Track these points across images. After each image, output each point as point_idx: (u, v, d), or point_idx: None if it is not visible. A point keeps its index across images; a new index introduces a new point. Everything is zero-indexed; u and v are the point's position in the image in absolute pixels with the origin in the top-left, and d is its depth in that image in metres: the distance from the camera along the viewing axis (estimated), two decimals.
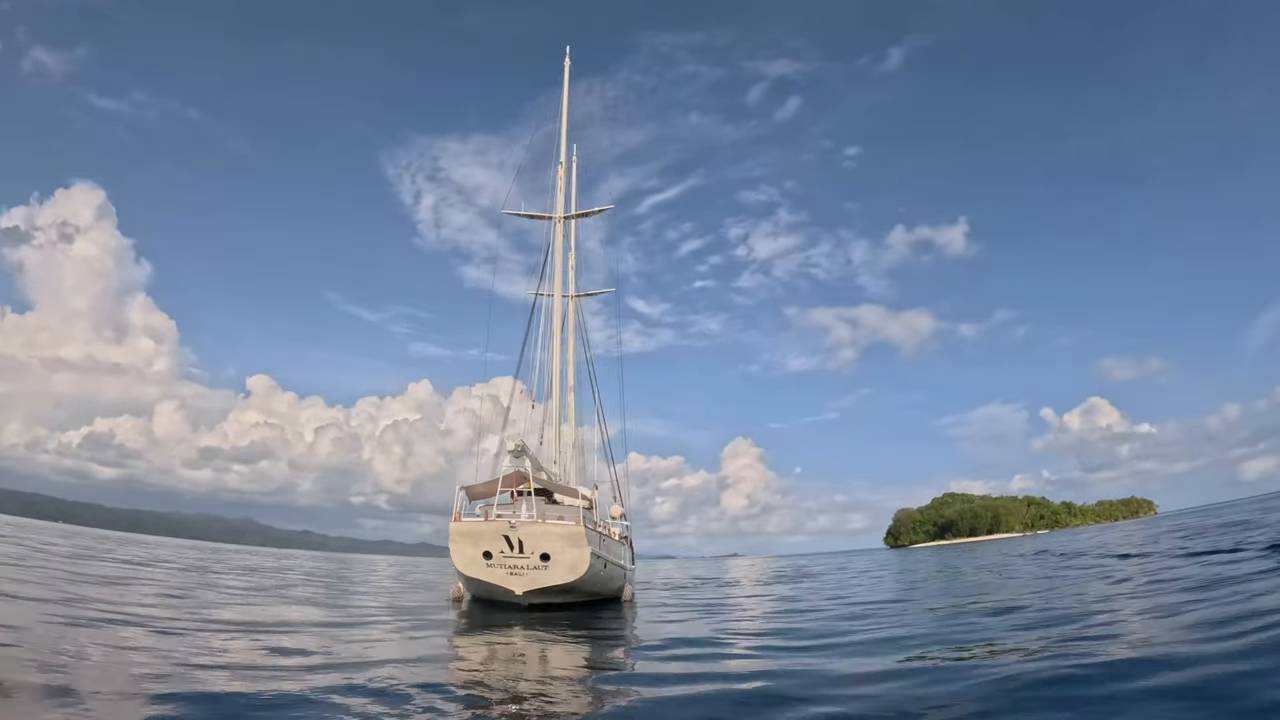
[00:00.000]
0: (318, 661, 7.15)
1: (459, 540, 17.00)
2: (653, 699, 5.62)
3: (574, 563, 16.64)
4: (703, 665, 7.27)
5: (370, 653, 8.04)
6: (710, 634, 10.23)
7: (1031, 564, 21.99)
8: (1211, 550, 14.35)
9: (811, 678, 6.20)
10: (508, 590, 16.43)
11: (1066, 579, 14.75)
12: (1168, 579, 11.13)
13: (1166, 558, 15.41)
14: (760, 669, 7.02)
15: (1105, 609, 8.97)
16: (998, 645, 7.07)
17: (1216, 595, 8.20)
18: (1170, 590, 9.70)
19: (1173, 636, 6.38)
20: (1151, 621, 7.41)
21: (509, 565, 16.51)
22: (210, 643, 7.92)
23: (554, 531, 16.75)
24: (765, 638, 9.77)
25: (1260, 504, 52.38)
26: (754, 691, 5.76)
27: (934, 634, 8.84)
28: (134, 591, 13.63)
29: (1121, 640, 6.55)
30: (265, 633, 9.25)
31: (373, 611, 14.09)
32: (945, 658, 6.72)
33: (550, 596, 16.66)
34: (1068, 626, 7.76)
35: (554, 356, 25.33)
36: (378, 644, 9.03)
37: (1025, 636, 7.49)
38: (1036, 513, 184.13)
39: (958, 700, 4.94)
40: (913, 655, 6.99)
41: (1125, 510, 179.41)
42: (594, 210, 27.10)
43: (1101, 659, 5.64)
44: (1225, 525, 22.26)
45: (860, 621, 10.74)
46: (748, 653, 8.26)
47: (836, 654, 7.55)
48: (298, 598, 16.28)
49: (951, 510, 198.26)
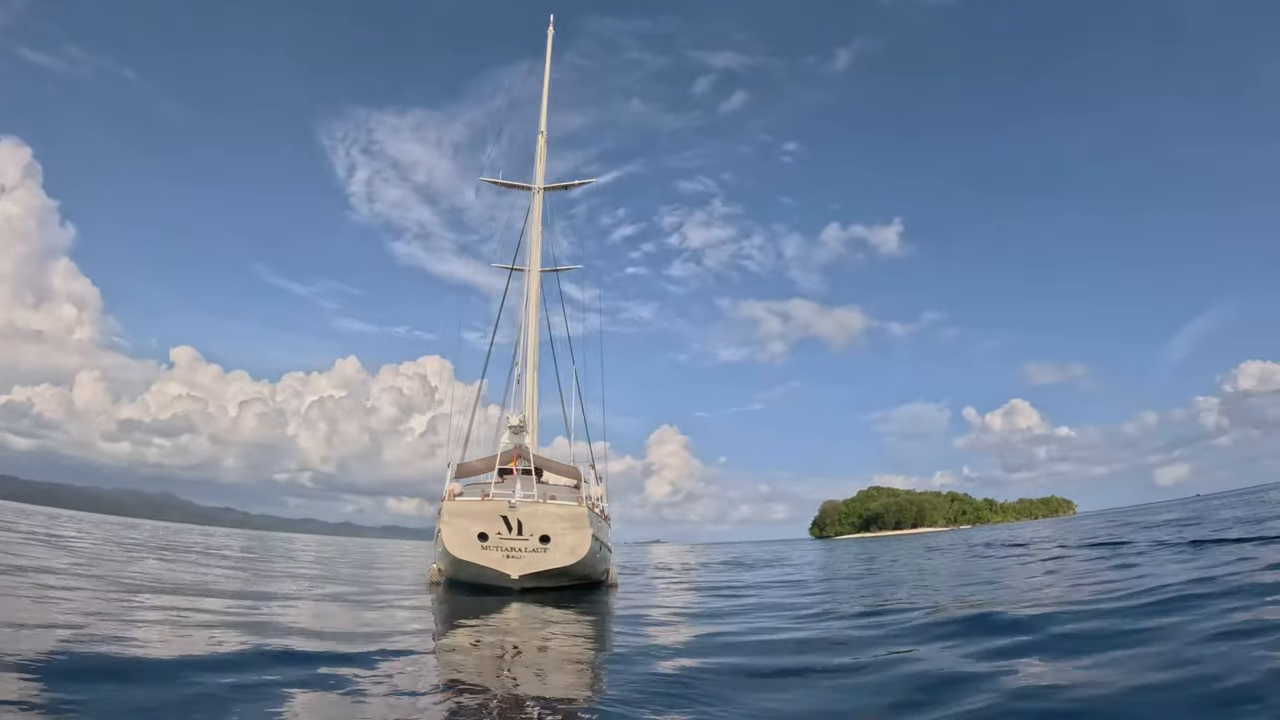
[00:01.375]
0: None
1: (453, 521, 15.89)
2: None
3: (574, 545, 15.83)
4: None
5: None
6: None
7: (985, 552, 22.29)
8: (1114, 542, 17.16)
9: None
10: (502, 574, 15.45)
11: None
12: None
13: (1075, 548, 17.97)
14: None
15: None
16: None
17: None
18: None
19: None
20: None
21: (506, 547, 15.54)
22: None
23: (555, 512, 15.93)
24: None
25: (1177, 507, 55.38)
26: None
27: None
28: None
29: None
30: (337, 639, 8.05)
31: (362, 592, 12.89)
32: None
33: (545, 580, 15.84)
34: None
35: (529, 333, 24.07)
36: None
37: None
38: (959, 508, 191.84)
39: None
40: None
41: (1045, 509, 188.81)
42: (575, 183, 25.73)
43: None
44: (1147, 525, 23.46)
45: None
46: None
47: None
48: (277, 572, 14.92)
49: (877, 503, 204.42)
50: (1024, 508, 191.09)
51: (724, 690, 5.10)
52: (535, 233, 24.74)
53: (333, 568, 22.91)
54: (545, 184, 25.23)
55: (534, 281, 24.42)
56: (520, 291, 31.90)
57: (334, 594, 13.12)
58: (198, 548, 28.84)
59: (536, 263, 24.62)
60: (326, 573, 19.85)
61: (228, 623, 7.88)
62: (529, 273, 24.58)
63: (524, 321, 24.21)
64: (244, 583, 14.14)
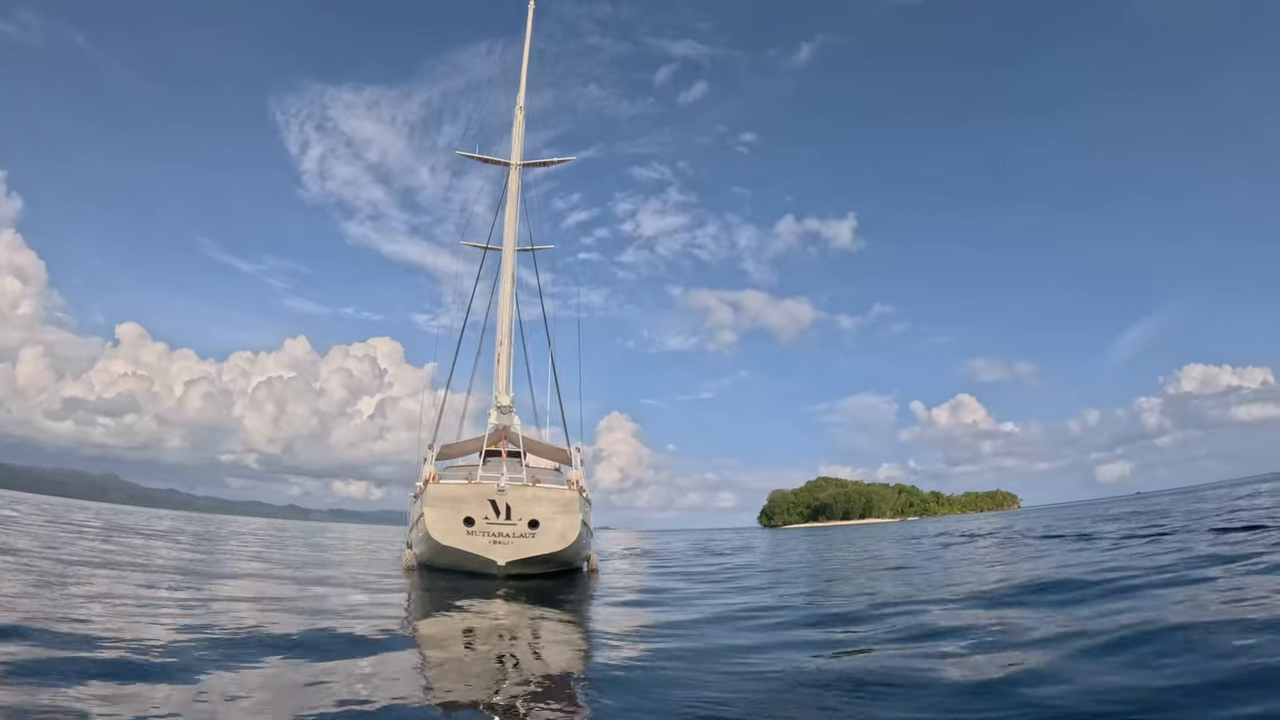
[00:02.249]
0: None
1: (438, 505, 15.06)
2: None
3: (564, 530, 15.24)
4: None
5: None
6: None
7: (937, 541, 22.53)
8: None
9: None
10: (488, 560, 14.76)
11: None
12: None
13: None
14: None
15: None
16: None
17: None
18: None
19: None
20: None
21: (493, 533, 14.84)
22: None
23: (546, 496, 15.31)
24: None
25: (1119, 504, 57.41)
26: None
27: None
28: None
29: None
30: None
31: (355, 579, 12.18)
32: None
33: (531, 566, 15.24)
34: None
35: (503, 312, 23.26)
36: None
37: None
38: (907, 500, 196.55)
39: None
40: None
41: (991, 502, 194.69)
42: (553, 160, 24.86)
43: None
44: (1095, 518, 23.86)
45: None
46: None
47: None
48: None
49: (825, 494, 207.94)
50: (970, 501, 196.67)
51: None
52: (511, 209, 23.91)
53: (299, 553, 21.95)
54: (522, 160, 24.42)
55: (508, 260, 23.63)
56: (481, 274, 31.17)
57: (317, 578, 12.42)
58: (145, 531, 27.44)
59: (511, 240, 23.81)
60: (293, 560, 18.93)
61: (222, 617, 7.22)
62: (504, 251, 23.78)
63: (499, 301, 23.49)
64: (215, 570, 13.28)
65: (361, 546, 33.26)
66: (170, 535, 26.93)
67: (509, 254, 23.76)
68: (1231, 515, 16.75)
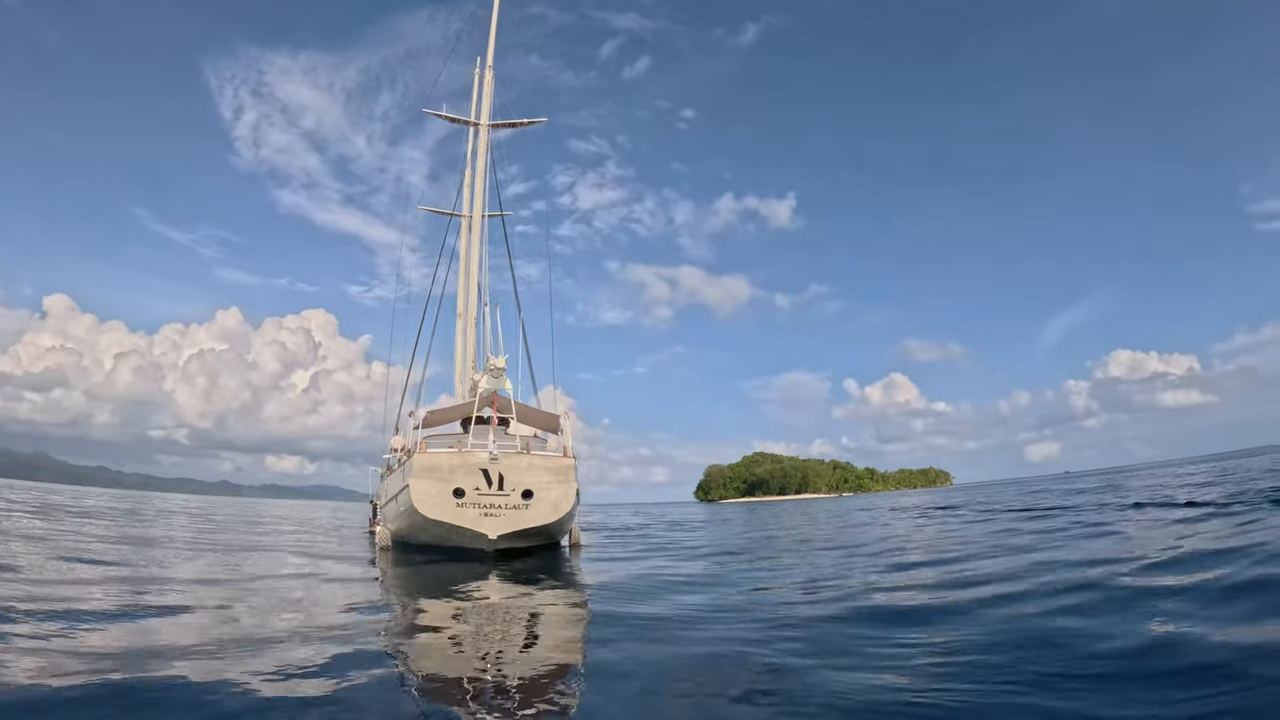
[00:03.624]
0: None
1: (424, 476, 14.18)
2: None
3: (559, 501, 14.64)
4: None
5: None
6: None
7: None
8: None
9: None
10: (478, 534, 14.01)
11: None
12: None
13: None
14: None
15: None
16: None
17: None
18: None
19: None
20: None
21: (484, 505, 14.08)
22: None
23: (541, 464, 14.64)
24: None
25: (1050, 483, 60.21)
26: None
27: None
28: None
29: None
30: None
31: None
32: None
33: (521, 540, 14.64)
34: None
35: (471, 279, 22.56)
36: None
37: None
38: (842, 476, 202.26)
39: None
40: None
41: (924, 479, 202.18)
42: (523, 121, 24.01)
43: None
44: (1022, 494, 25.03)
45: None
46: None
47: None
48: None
49: (762, 469, 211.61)
50: (904, 477, 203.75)
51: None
52: (480, 169, 23.10)
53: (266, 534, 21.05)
54: (491, 120, 23.56)
55: (478, 223, 22.90)
56: (444, 241, 30.21)
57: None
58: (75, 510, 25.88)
59: (480, 202, 23.04)
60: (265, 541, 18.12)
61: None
62: (473, 215, 23.01)
63: (469, 266, 22.75)
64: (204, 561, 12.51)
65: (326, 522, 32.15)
66: (102, 515, 25.50)
67: (477, 217, 23.02)
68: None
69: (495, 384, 16.05)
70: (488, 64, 24.11)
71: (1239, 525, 8.78)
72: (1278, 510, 10.04)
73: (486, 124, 23.41)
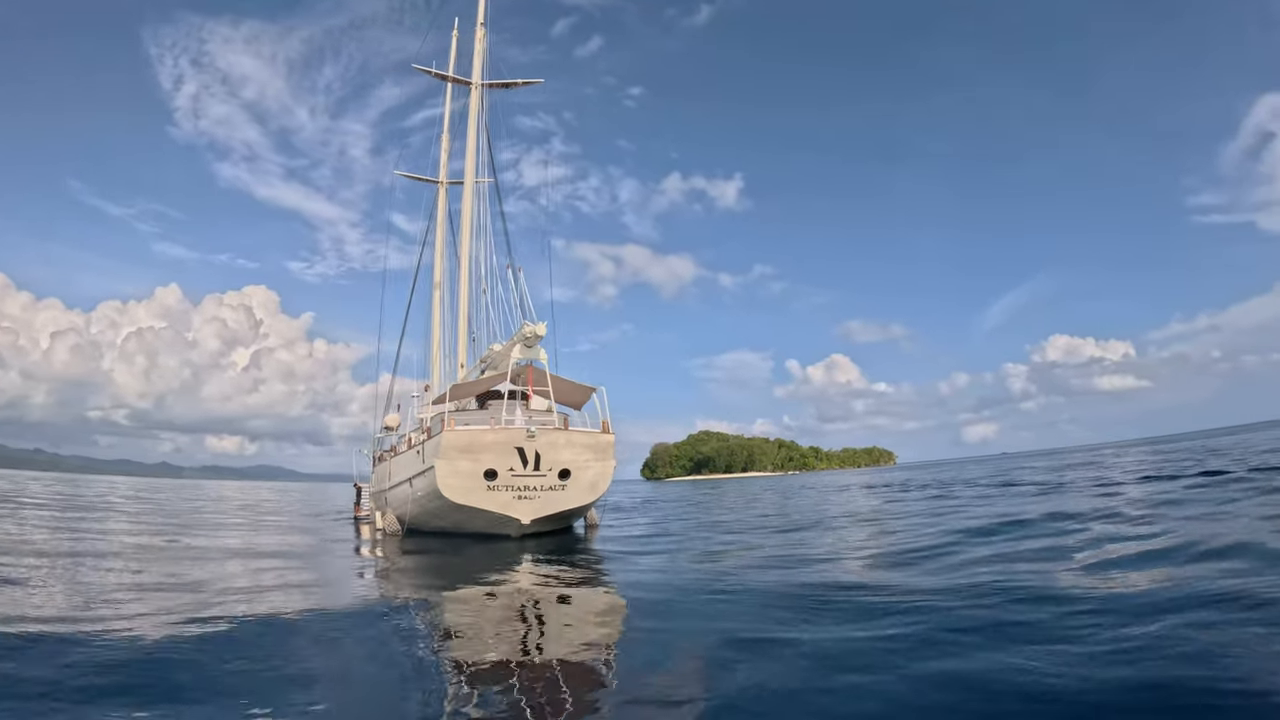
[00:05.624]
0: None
1: (454, 456, 12.85)
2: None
3: (596, 480, 13.74)
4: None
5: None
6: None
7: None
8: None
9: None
10: (509, 519, 12.90)
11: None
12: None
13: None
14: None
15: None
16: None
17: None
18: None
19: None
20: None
21: (518, 487, 12.96)
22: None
23: (580, 440, 13.62)
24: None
25: (987, 464, 62.33)
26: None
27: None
28: None
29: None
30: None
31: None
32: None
33: (550, 524, 13.69)
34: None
35: (463, 252, 21.35)
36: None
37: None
38: (787, 455, 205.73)
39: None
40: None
41: (868, 458, 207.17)
42: (518, 82, 22.68)
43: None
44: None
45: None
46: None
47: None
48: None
49: (708, 447, 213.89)
50: (848, 456, 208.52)
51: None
52: (472, 133, 21.88)
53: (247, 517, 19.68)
54: (486, 80, 22.26)
55: (470, 188, 21.65)
56: (427, 212, 28.78)
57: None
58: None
59: (471, 167, 21.80)
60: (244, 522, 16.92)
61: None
62: (465, 181, 21.72)
63: (460, 234, 21.56)
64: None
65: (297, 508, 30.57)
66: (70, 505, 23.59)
67: (470, 181, 21.81)
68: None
69: (530, 354, 14.61)
70: (479, 21, 22.73)
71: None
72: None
73: (479, 84, 22.10)
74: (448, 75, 22.70)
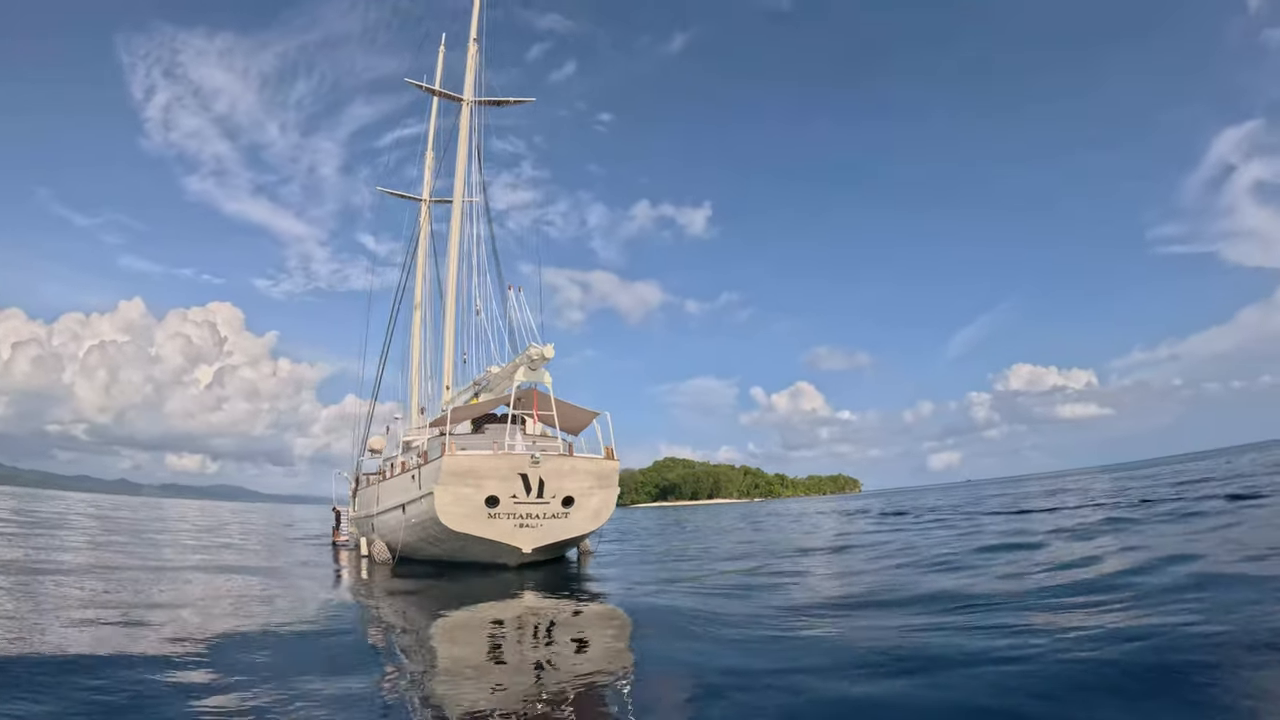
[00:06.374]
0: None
1: (454, 482, 12.24)
2: None
3: (599, 509, 13.28)
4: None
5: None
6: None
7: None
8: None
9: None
10: (509, 548, 12.28)
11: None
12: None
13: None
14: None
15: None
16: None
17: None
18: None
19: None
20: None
21: (520, 515, 12.40)
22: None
23: (585, 467, 13.14)
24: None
25: (954, 491, 62.90)
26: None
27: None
28: None
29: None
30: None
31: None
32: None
33: (549, 553, 13.13)
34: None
35: (451, 271, 20.63)
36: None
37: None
38: (752, 481, 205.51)
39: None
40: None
41: (834, 486, 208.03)
42: (511, 100, 22.22)
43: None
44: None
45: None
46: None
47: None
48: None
49: (674, 474, 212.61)
50: (814, 484, 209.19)
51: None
52: (462, 150, 21.33)
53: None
54: (477, 97, 21.76)
55: (458, 207, 21.05)
56: (409, 232, 28.06)
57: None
58: None
59: (461, 185, 21.22)
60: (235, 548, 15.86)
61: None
62: (454, 198, 21.14)
63: (448, 253, 20.82)
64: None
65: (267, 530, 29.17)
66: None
67: (459, 200, 21.22)
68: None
69: (534, 377, 14.08)
70: (471, 37, 22.33)
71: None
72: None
73: (470, 100, 21.64)
74: (439, 90, 22.20)
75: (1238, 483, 18.69)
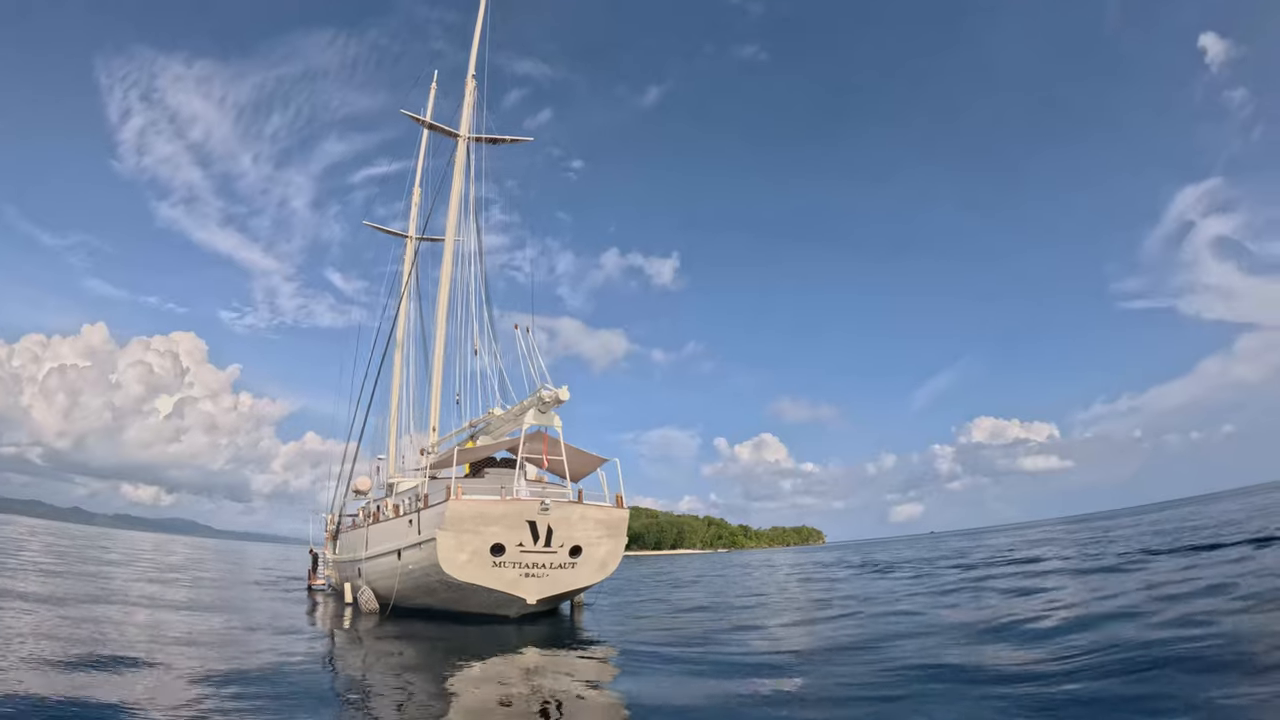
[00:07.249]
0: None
1: (458, 528, 11.40)
2: None
3: (606, 559, 12.69)
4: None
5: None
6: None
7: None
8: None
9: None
10: (513, 599, 11.54)
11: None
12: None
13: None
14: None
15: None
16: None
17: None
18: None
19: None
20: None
21: (526, 564, 11.65)
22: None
23: (594, 516, 12.49)
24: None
25: (912, 542, 63.05)
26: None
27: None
28: None
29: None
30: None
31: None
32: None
33: (549, 604, 12.44)
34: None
35: (441, 310, 19.88)
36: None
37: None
38: (716, 532, 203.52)
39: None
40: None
41: (797, 537, 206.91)
42: (508, 139, 21.82)
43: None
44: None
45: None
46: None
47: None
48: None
49: (638, 523, 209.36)
50: (778, 535, 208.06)
51: None
52: (456, 186, 20.81)
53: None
54: (475, 133, 21.35)
55: (450, 244, 20.42)
56: (394, 266, 27.32)
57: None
58: None
59: (454, 222, 20.63)
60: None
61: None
62: (447, 235, 20.50)
63: (439, 291, 20.11)
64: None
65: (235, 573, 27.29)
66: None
67: (451, 237, 20.63)
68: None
69: (544, 420, 13.35)
70: (470, 73, 22.05)
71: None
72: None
73: (467, 136, 21.23)
74: (434, 123, 21.73)
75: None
